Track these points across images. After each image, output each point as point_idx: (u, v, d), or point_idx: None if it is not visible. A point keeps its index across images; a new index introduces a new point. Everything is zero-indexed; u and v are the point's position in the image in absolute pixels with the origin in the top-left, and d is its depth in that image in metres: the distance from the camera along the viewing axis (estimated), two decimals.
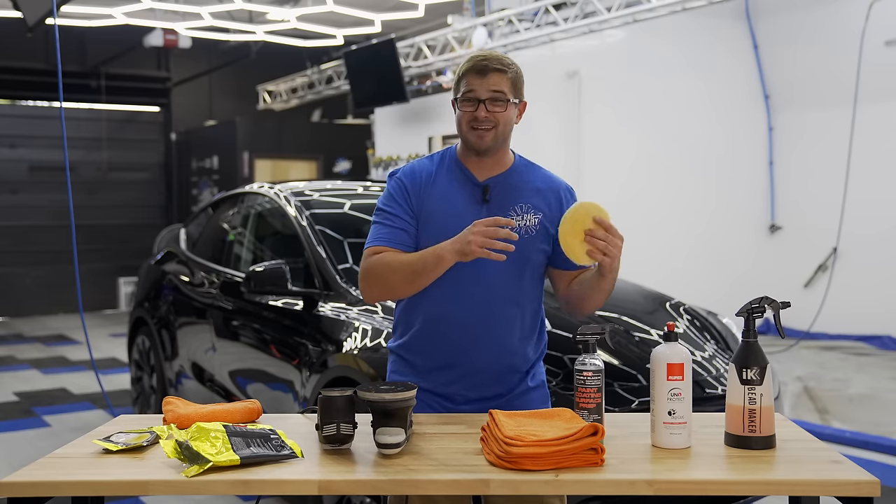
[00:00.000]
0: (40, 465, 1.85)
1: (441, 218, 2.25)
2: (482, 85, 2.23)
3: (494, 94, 2.22)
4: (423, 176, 2.32)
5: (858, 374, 7.33)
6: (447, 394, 2.29)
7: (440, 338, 2.27)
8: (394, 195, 2.32)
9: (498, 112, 2.23)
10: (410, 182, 2.32)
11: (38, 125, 12.19)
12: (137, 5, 10.11)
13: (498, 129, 2.24)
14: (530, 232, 2.26)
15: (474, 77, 2.24)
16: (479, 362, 2.26)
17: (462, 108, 2.26)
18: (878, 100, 8.57)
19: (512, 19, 8.35)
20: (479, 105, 2.23)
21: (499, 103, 2.23)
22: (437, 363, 2.29)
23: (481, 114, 2.22)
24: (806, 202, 9.39)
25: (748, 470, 1.78)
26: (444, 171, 2.33)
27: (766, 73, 9.61)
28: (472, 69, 2.26)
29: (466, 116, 2.25)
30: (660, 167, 8.89)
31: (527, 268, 2.27)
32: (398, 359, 2.37)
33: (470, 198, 2.28)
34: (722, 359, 3.74)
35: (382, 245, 2.27)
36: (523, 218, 2.26)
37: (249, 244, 5.04)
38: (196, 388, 4.99)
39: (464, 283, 2.23)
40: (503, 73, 2.24)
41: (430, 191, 2.30)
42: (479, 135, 2.24)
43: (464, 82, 2.26)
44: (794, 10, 9.34)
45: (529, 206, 2.28)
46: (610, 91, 8.62)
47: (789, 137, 9.54)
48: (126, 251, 12.53)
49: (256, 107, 13.53)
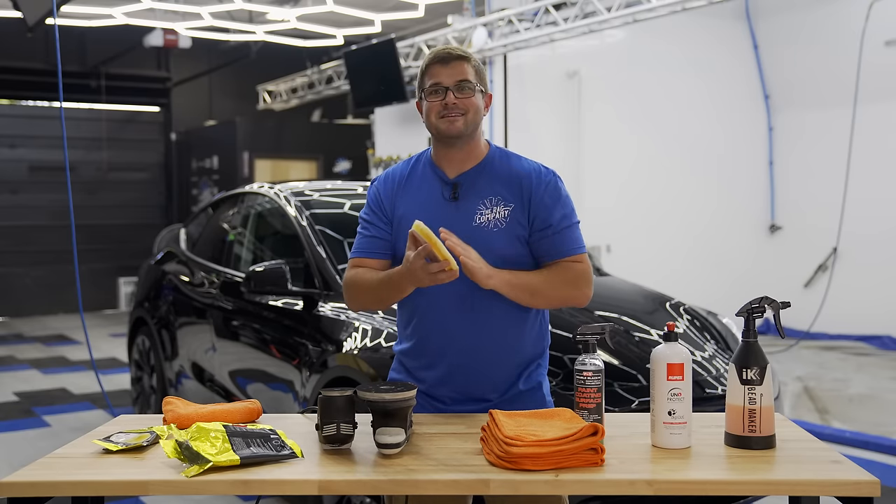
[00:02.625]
0: (40, 465, 1.85)
1: (411, 220, 2.19)
2: (447, 74, 2.24)
3: (460, 82, 2.22)
4: (395, 180, 2.35)
5: (858, 374, 7.33)
6: (438, 395, 2.29)
7: (428, 338, 2.28)
8: (370, 204, 2.36)
9: (466, 98, 2.23)
10: (384, 188, 2.35)
11: (38, 125, 12.19)
12: (137, 5, 10.11)
13: (468, 117, 2.24)
14: (499, 224, 2.23)
15: (438, 67, 2.25)
16: (468, 361, 2.25)
17: (429, 100, 2.26)
18: (878, 100, 8.57)
19: (512, 19, 8.35)
20: (447, 92, 2.22)
21: (466, 90, 2.23)
22: (423, 363, 2.30)
23: (450, 100, 2.22)
24: (806, 202, 9.39)
25: (748, 470, 1.78)
26: (417, 172, 2.34)
27: (766, 73, 9.61)
28: (434, 60, 2.26)
29: (435, 107, 2.24)
30: (660, 167, 8.89)
31: (499, 261, 2.20)
32: (397, 362, 2.40)
33: (439, 196, 2.28)
34: (722, 359, 3.74)
35: (359, 257, 2.33)
36: (492, 210, 2.24)
37: (249, 244, 5.04)
38: (196, 388, 4.98)
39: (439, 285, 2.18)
40: (466, 61, 2.25)
41: (403, 194, 2.32)
42: (450, 120, 2.23)
43: (428, 75, 2.27)
44: (794, 10, 9.34)
45: (499, 199, 2.25)
46: (610, 91, 8.62)
47: (789, 137, 9.54)
48: (126, 251, 12.53)
49: (256, 107, 13.52)
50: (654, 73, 8.84)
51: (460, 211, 2.25)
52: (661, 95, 8.90)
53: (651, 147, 8.82)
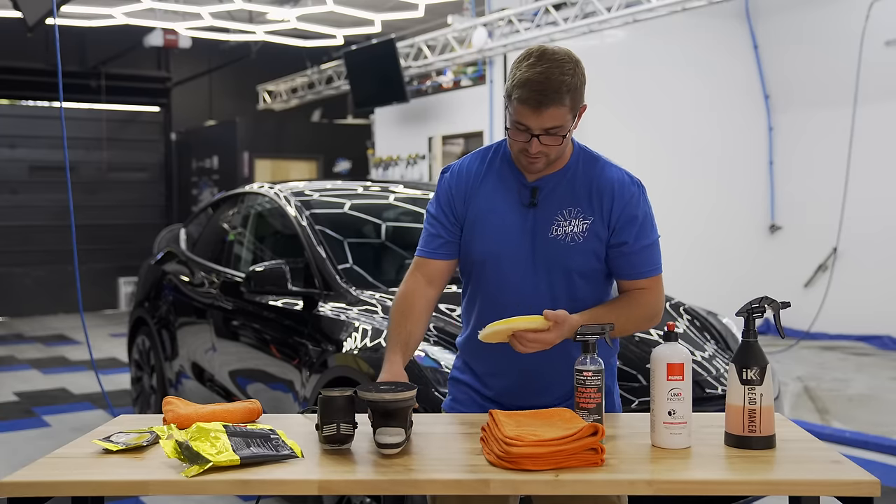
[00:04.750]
0: (40, 465, 1.84)
1: (485, 224, 2.16)
2: (536, 121, 2.00)
3: (549, 129, 2.01)
4: (470, 177, 2.21)
5: (858, 374, 7.33)
6: (504, 403, 2.20)
7: (493, 346, 2.13)
8: (440, 198, 2.24)
9: (552, 146, 2.04)
10: (456, 184, 2.22)
11: (38, 125, 12.19)
12: (137, 5, 10.11)
13: (550, 157, 2.08)
14: (577, 239, 2.12)
15: (527, 111, 1.99)
16: (533, 369, 2.17)
17: (512, 136, 2.06)
18: (878, 100, 8.57)
19: (512, 19, 8.35)
20: (532, 140, 2.02)
21: (555, 137, 2.02)
22: (492, 368, 2.23)
23: (533, 149, 2.04)
24: (806, 202, 9.38)
25: (748, 470, 1.77)
26: (494, 170, 2.20)
27: (766, 73, 9.61)
28: (524, 102, 1.98)
29: (518, 144, 2.06)
30: (660, 167, 8.88)
31: (574, 276, 2.14)
32: (461, 361, 2.32)
33: (516, 201, 2.16)
34: (722, 359, 3.74)
35: (423, 256, 2.25)
36: (570, 223, 2.12)
37: (249, 244, 5.04)
38: (196, 388, 4.98)
39: (508, 293, 2.13)
40: (561, 104, 1.98)
41: (477, 193, 2.19)
42: (531, 161, 2.07)
43: (515, 111, 2.01)
44: (794, 10, 9.33)
45: (578, 211, 2.12)
46: (610, 91, 8.62)
47: (789, 137, 9.54)
48: (126, 251, 12.53)
49: (256, 107, 13.53)
50: (654, 73, 8.84)
51: (537, 219, 2.14)
52: (661, 95, 8.90)
53: (651, 147, 8.81)
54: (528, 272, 2.14)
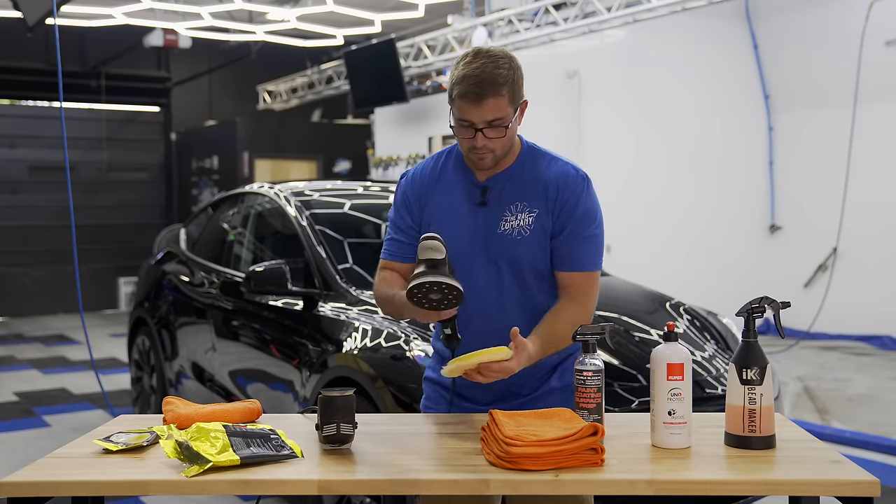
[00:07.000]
0: (40, 465, 1.84)
1: (439, 226, 2.20)
2: (478, 114, 2.07)
3: (491, 121, 2.08)
4: (424, 181, 2.28)
5: (858, 374, 7.33)
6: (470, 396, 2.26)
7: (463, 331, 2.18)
8: (397, 205, 2.31)
9: (497, 138, 2.10)
10: (412, 189, 2.29)
11: (38, 125, 12.19)
12: (137, 5, 10.12)
13: (497, 153, 2.14)
14: (523, 233, 2.18)
15: (468, 105, 2.07)
16: None
17: (459, 134, 2.13)
18: (878, 100, 8.57)
19: (512, 19, 8.35)
20: (477, 134, 2.09)
21: (498, 129, 2.09)
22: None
23: (479, 143, 2.10)
24: (806, 202, 9.38)
25: (748, 470, 1.77)
26: (447, 172, 2.27)
27: (766, 73, 9.61)
28: (464, 96, 2.06)
29: (464, 142, 2.13)
30: (660, 167, 8.89)
31: (524, 269, 2.20)
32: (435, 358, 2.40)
33: (468, 201, 2.22)
34: (722, 359, 3.74)
35: (387, 259, 2.31)
36: (517, 218, 2.18)
37: (249, 244, 5.04)
38: (196, 388, 4.99)
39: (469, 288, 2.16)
40: (499, 96, 2.06)
41: (432, 196, 2.26)
42: (480, 156, 2.13)
43: (456, 106, 2.10)
44: (794, 10, 9.34)
45: (525, 205, 2.18)
46: (610, 91, 8.62)
47: (789, 137, 9.54)
48: (126, 251, 12.54)
49: (256, 107, 13.53)
50: (654, 73, 8.84)
51: (487, 217, 2.20)
52: (661, 95, 8.90)
53: (651, 147, 8.82)
54: (480, 269, 2.18)
